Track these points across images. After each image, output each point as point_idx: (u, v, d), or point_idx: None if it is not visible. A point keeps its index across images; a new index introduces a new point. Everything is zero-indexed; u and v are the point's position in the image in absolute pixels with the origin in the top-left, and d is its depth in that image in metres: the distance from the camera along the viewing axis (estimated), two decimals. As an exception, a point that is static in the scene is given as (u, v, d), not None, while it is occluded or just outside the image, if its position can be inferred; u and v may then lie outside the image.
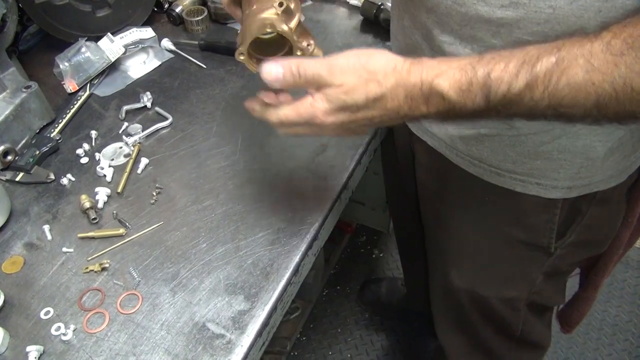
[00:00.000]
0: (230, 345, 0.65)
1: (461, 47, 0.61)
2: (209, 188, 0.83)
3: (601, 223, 0.76)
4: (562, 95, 0.46)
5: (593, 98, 0.46)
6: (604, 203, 0.72)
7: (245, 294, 0.70)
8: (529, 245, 0.79)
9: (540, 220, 0.75)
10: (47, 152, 0.89)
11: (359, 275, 1.85)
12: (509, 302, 0.90)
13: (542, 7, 0.51)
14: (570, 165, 0.67)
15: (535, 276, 0.84)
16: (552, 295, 0.92)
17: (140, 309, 0.69)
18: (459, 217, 0.85)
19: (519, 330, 0.96)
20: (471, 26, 0.58)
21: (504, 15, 0.54)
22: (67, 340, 0.67)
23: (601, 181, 0.69)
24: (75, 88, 1.01)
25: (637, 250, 1.86)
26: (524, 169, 0.69)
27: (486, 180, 0.74)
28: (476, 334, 1.02)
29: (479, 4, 0.55)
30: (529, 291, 0.87)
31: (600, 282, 0.87)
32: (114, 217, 0.80)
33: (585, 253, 0.83)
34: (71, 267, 0.74)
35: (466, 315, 0.99)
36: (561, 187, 0.69)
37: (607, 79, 0.44)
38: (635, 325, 1.68)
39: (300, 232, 0.76)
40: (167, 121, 0.93)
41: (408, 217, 1.12)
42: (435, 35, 0.63)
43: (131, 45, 1.06)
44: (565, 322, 0.98)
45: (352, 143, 0.87)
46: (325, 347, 1.69)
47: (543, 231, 0.76)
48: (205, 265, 0.73)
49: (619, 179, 0.70)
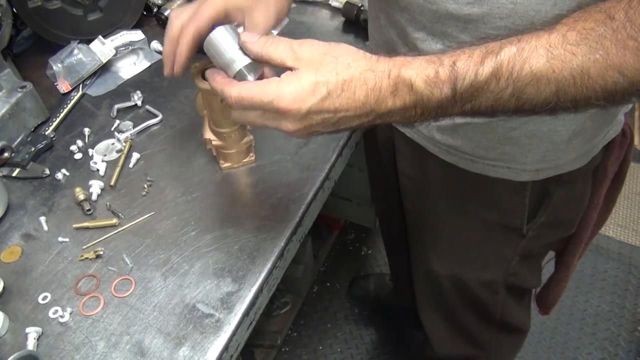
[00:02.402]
0: (219, 323, 0.69)
1: (433, 42, 0.65)
2: (197, 180, 0.87)
3: (568, 203, 0.81)
4: (525, 83, 0.48)
5: (553, 85, 0.48)
6: (570, 184, 0.77)
7: (232, 276, 0.74)
8: (503, 227, 0.83)
9: (512, 203, 0.79)
10: (42, 149, 0.93)
11: (348, 272, 1.89)
12: (487, 285, 0.95)
13: (504, 3, 0.55)
14: (537, 149, 0.71)
15: (510, 257, 0.89)
16: (527, 277, 0.97)
17: (134, 292, 0.73)
18: (438, 204, 0.89)
19: (498, 313, 1.00)
20: (442, 23, 0.62)
21: (470, 12, 0.58)
22: (65, 322, 0.70)
23: (566, 163, 0.74)
24: (68, 88, 1.05)
25: (617, 242, 1.92)
26: (495, 155, 0.74)
27: (462, 167, 0.78)
28: (458, 320, 1.07)
29: (447, 2, 0.59)
30: (505, 273, 0.92)
31: (571, 262, 0.92)
32: (107, 208, 0.84)
33: (556, 234, 0.88)
34: (67, 256, 0.78)
35: (447, 301, 1.03)
36: (529, 170, 0.74)
37: (566, 66, 0.47)
38: (616, 314, 1.74)
39: (284, 218, 0.80)
40: (157, 118, 0.98)
41: (392, 209, 1.16)
42: (409, 32, 0.67)
43: (122, 47, 1.10)
44: (542, 303, 1.03)
45: (335, 136, 0.92)
46: (315, 342, 1.73)
47: (515, 213, 0.80)
48: (194, 251, 0.77)
49: (583, 161, 0.75)
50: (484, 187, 0.79)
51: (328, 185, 0.88)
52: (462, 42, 0.60)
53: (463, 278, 0.95)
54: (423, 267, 1.02)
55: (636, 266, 1.85)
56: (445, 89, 0.50)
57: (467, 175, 0.78)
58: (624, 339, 1.68)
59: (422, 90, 0.50)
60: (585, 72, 0.47)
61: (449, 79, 0.49)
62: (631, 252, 1.89)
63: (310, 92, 0.51)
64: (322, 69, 0.52)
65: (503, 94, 0.49)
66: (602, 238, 1.92)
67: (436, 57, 0.51)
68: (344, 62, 0.52)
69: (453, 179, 0.82)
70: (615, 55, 0.45)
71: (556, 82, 0.47)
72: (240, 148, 0.85)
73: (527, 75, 0.48)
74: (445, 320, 1.10)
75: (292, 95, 0.51)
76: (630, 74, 0.45)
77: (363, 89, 0.51)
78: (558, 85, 0.48)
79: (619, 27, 0.45)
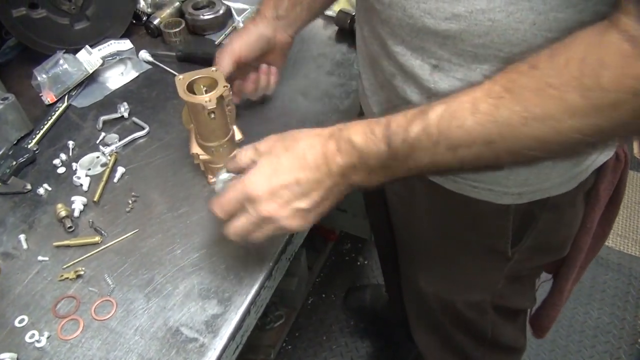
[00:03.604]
0: (203, 348, 0.66)
1: (412, 58, 0.63)
2: (184, 195, 0.84)
3: (555, 228, 0.78)
4: (456, 138, 0.50)
5: (482, 139, 0.49)
6: (557, 208, 0.74)
7: (218, 298, 0.71)
8: (488, 249, 0.81)
9: (495, 226, 0.77)
10: (24, 163, 0.90)
11: (343, 283, 1.86)
12: (474, 306, 0.93)
13: (482, 20, 0.53)
14: (519, 172, 0.69)
15: (496, 280, 0.86)
16: (517, 299, 0.94)
17: (115, 315, 0.70)
18: (423, 223, 0.87)
19: (488, 332, 0.97)
20: (420, 38, 0.60)
21: (448, 28, 0.56)
22: (41, 347, 0.67)
23: (551, 188, 0.71)
24: (53, 99, 1.03)
25: (616, 253, 1.89)
26: (476, 176, 0.72)
27: (445, 187, 0.76)
28: (449, 338, 1.04)
29: (425, 17, 0.57)
30: (492, 294, 0.89)
31: (564, 287, 0.88)
32: (90, 225, 0.81)
33: (545, 258, 0.85)
34: (46, 276, 0.75)
35: (437, 318, 1.01)
36: (512, 193, 0.71)
37: (491, 120, 0.48)
38: (616, 326, 1.71)
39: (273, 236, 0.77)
40: (144, 131, 0.95)
41: (385, 223, 1.13)
42: (390, 45, 0.65)
43: (109, 57, 1.08)
44: (536, 327, 1.00)
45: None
46: (310, 355, 1.69)
47: (499, 236, 0.78)
48: (179, 270, 0.74)
49: (570, 186, 0.71)
50: (467, 208, 0.76)
51: (319, 201, 0.85)
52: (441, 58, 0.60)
53: (449, 299, 0.93)
54: (412, 284, 0.99)
55: (636, 277, 1.82)
56: (382, 145, 0.54)
57: (451, 196, 0.76)
58: (625, 351, 1.65)
59: (362, 146, 0.55)
60: (512, 124, 0.47)
61: (384, 136, 0.54)
62: (631, 262, 1.87)
63: (269, 173, 0.58)
64: (275, 150, 0.60)
65: (437, 150, 0.51)
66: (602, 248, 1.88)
67: (374, 120, 0.56)
68: (292, 137, 0.60)
69: (438, 199, 0.79)
70: (535, 105, 0.46)
71: (485, 135, 0.49)
72: None
73: (455, 130, 0.50)
74: (436, 337, 1.08)
75: (256, 180, 0.59)
76: (556, 123, 0.45)
77: (312, 152, 0.57)
78: (487, 139, 0.49)
79: (541, 76, 0.46)
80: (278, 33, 0.90)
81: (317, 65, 1.07)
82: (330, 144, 0.57)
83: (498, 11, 0.51)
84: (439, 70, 0.61)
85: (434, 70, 0.61)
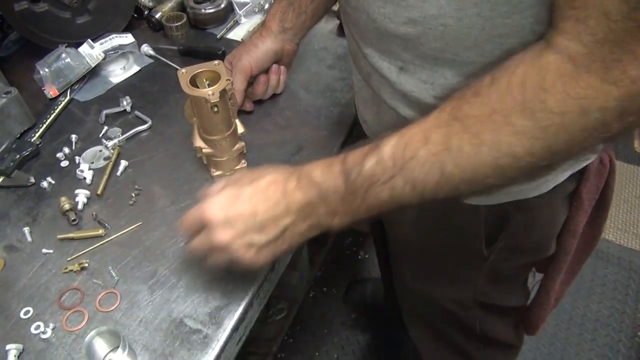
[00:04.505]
0: (207, 339, 0.67)
1: (380, 60, 0.63)
2: (187, 189, 0.85)
3: (530, 230, 0.77)
4: (411, 169, 0.50)
5: (437, 168, 0.49)
6: (529, 211, 0.73)
7: (221, 290, 0.72)
8: (463, 248, 0.81)
9: (468, 225, 0.77)
10: (27, 157, 0.90)
11: (344, 277, 1.86)
12: (457, 302, 0.93)
13: (435, 25, 0.53)
14: None
15: (475, 278, 0.86)
16: (504, 297, 0.93)
17: (119, 306, 0.71)
18: (403, 220, 0.87)
19: (476, 327, 0.97)
20: (385, 41, 0.60)
21: (407, 32, 0.56)
22: (47, 338, 0.68)
23: (520, 191, 0.70)
24: (56, 93, 1.03)
25: (617, 246, 1.90)
26: None
27: None
28: (441, 331, 1.05)
29: (385, 21, 0.57)
30: (474, 292, 0.89)
31: (550, 287, 0.88)
32: (93, 218, 0.81)
33: (524, 258, 0.84)
34: (51, 268, 0.76)
35: (427, 313, 1.01)
36: None
37: (443, 149, 0.48)
38: (615, 320, 1.72)
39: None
40: (147, 124, 0.95)
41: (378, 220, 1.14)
42: (362, 47, 0.66)
43: (111, 51, 1.08)
44: (526, 324, 1.00)
45: (327, 144, 0.90)
46: (312, 348, 1.70)
47: (473, 235, 0.78)
48: (182, 263, 0.75)
49: (542, 189, 0.71)
50: (442, 208, 0.76)
51: (321, 194, 0.86)
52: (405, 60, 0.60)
53: (433, 295, 0.94)
54: (402, 280, 1.00)
55: (636, 270, 1.83)
56: (339, 179, 0.54)
57: None
58: (624, 344, 1.66)
59: (320, 181, 0.55)
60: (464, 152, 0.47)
61: (341, 171, 0.54)
62: (631, 256, 1.87)
63: (229, 201, 0.59)
64: (239, 182, 0.60)
65: (395, 184, 0.51)
66: (602, 242, 1.89)
67: (335, 156, 0.56)
68: (260, 171, 0.60)
69: None
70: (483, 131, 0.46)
71: (439, 165, 0.49)
72: (231, 155, 0.83)
73: (410, 162, 0.50)
74: (429, 331, 1.08)
75: (215, 205, 0.59)
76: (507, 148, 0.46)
77: (273, 187, 0.58)
78: (442, 169, 0.49)
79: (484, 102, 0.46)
80: (286, 44, 0.93)
81: (318, 59, 1.08)
82: (291, 180, 0.57)
83: (449, 17, 0.51)
84: (405, 72, 0.61)
85: (400, 72, 0.62)
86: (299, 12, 0.90)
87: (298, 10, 0.90)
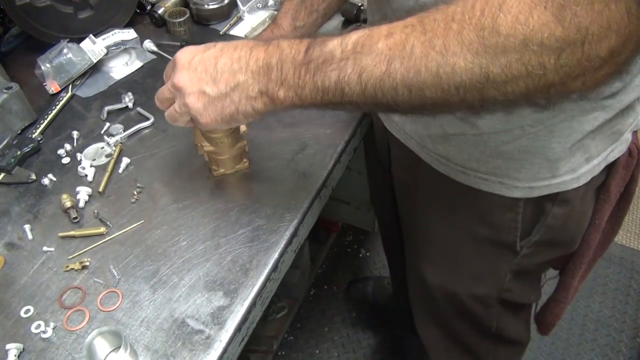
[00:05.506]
0: (209, 340, 0.66)
1: None
2: (189, 187, 0.84)
3: (565, 223, 0.77)
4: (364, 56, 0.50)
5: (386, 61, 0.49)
6: (566, 204, 0.73)
7: (224, 290, 0.71)
8: (495, 243, 0.80)
9: (504, 219, 0.76)
10: (28, 153, 0.89)
11: (345, 275, 1.86)
12: (479, 299, 0.92)
13: None
14: (531, 166, 0.68)
15: (503, 274, 0.86)
16: (523, 293, 0.93)
17: (120, 306, 0.70)
18: (429, 213, 0.86)
19: (493, 326, 0.97)
20: None
21: None
22: (47, 337, 0.67)
23: (562, 183, 0.70)
24: (57, 89, 1.02)
25: (619, 246, 1.89)
26: (487, 168, 0.71)
27: (453, 178, 0.75)
28: (452, 330, 1.04)
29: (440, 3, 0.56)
30: (499, 289, 0.89)
31: (570, 284, 0.88)
32: (95, 216, 0.80)
33: (553, 253, 0.84)
34: (52, 266, 0.75)
35: (441, 310, 1.00)
36: (522, 186, 0.71)
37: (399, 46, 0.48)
38: (617, 320, 1.71)
39: (279, 229, 0.77)
40: (149, 121, 0.94)
41: (390, 213, 1.13)
42: None
43: (113, 47, 1.07)
44: (541, 323, 1.00)
45: (332, 142, 0.89)
46: (312, 346, 1.70)
47: (508, 230, 0.77)
48: (185, 262, 0.74)
49: (581, 181, 0.71)
50: (475, 200, 0.76)
51: (325, 193, 0.85)
52: None
53: (455, 291, 0.93)
54: (417, 276, 0.99)
55: (638, 271, 1.82)
56: (301, 50, 0.55)
57: (458, 187, 0.75)
58: (625, 345, 1.65)
59: (285, 47, 0.56)
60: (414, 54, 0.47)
61: (307, 44, 0.55)
62: (633, 256, 1.86)
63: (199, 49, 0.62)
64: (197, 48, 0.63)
65: (345, 67, 0.51)
66: (604, 242, 1.88)
67: None
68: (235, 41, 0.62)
69: (444, 189, 0.79)
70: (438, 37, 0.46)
71: (388, 59, 0.49)
72: (233, 153, 0.82)
73: (366, 49, 0.50)
74: (439, 329, 1.08)
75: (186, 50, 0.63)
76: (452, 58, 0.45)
77: (241, 46, 0.60)
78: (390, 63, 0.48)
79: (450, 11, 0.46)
80: None
81: (322, 56, 1.06)
82: (261, 45, 0.59)
83: None
84: None
85: None
86: (310, 11, 0.89)
87: (310, 9, 0.89)
